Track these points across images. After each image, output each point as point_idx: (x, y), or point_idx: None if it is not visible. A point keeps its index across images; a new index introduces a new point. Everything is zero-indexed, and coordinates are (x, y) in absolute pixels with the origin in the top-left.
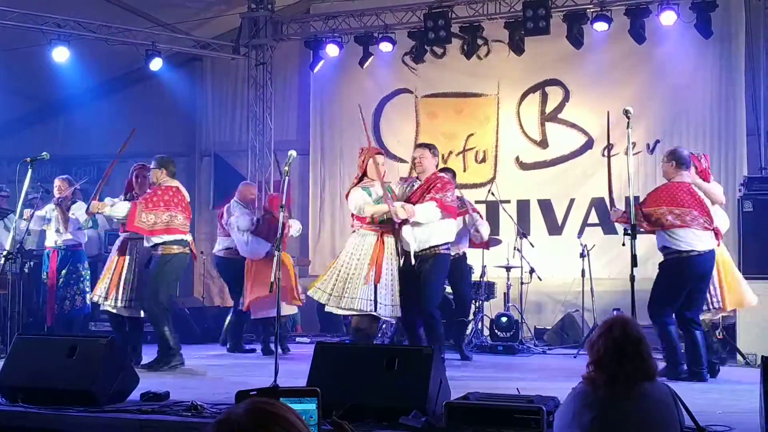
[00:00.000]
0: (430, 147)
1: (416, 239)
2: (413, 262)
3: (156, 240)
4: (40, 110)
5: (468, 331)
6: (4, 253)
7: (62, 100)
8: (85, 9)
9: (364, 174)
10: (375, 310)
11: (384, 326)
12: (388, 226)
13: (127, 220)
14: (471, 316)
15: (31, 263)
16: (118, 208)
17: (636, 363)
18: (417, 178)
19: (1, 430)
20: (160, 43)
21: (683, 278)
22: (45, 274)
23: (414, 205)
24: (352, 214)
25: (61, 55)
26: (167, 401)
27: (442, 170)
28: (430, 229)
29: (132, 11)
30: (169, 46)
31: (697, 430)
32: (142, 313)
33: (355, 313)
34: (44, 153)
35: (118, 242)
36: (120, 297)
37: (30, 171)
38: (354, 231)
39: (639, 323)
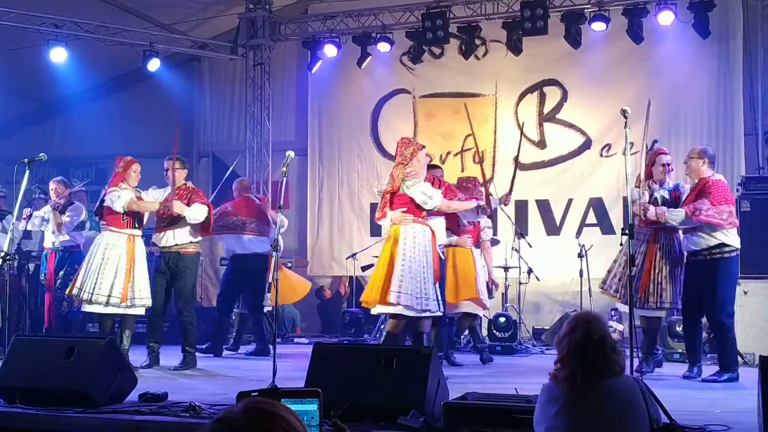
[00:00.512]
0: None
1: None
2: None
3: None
4: (37, 111)
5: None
6: (2, 254)
7: (59, 101)
8: (83, 9)
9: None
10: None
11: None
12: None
13: (206, 223)
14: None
15: (30, 265)
16: (197, 211)
17: (597, 362)
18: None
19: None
20: (158, 44)
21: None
22: (43, 275)
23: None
24: (390, 207)
25: (58, 55)
26: (165, 402)
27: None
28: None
29: (129, 12)
30: (167, 47)
31: (671, 423)
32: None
33: (427, 315)
34: (42, 154)
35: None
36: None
37: (27, 172)
38: (400, 224)
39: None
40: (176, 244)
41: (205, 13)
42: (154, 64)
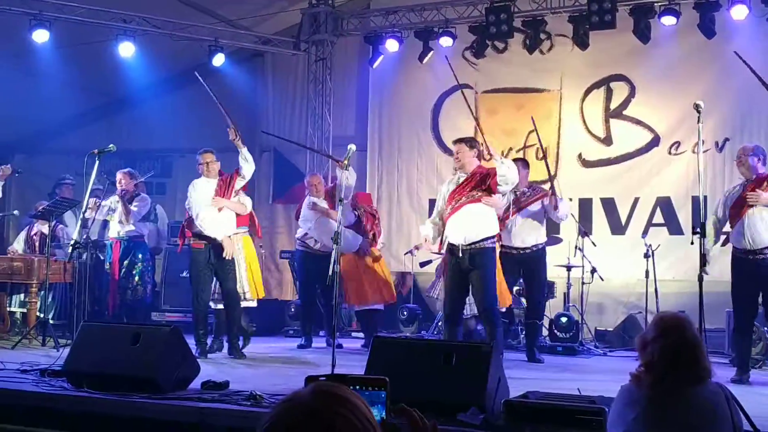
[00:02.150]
0: (466, 141)
1: (464, 233)
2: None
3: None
4: (105, 105)
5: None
6: (71, 242)
7: (127, 95)
8: (151, 5)
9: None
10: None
11: None
12: None
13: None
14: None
15: (96, 253)
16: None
17: (687, 368)
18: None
19: (66, 416)
20: (223, 39)
21: None
22: (108, 264)
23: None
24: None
25: (126, 50)
26: (227, 390)
27: (516, 160)
28: (478, 222)
29: (196, 7)
30: (232, 42)
31: None
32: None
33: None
34: (111, 145)
35: None
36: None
37: (97, 163)
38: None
39: (706, 326)
40: (216, 237)
41: (269, 9)
42: (219, 59)
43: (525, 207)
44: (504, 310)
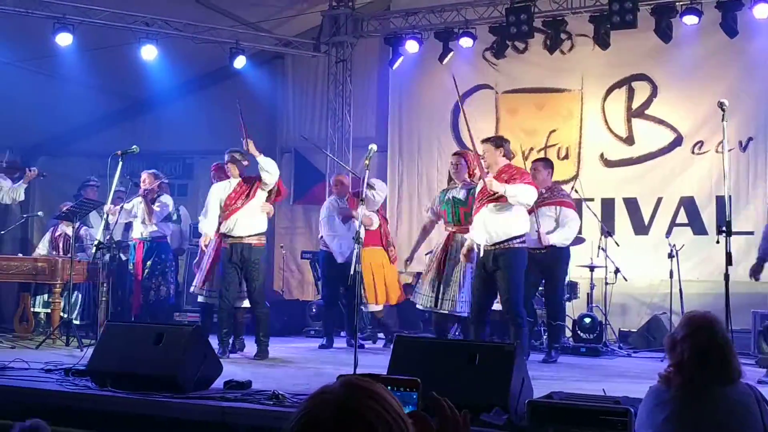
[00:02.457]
0: (492, 140)
1: (487, 233)
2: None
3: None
4: (128, 107)
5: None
6: (95, 242)
7: (149, 98)
8: (173, 8)
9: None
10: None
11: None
12: None
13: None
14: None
15: (119, 254)
16: (270, 162)
17: (717, 368)
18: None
19: (90, 415)
20: (244, 42)
21: None
22: (131, 264)
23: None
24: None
25: (149, 53)
26: (249, 390)
27: (538, 160)
28: (502, 222)
29: (217, 10)
30: (253, 45)
31: None
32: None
33: None
34: (134, 146)
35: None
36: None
37: (120, 164)
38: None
39: (732, 326)
40: (241, 236)
41: (289, 11)
42: (240, 62)
43: (540, 207)
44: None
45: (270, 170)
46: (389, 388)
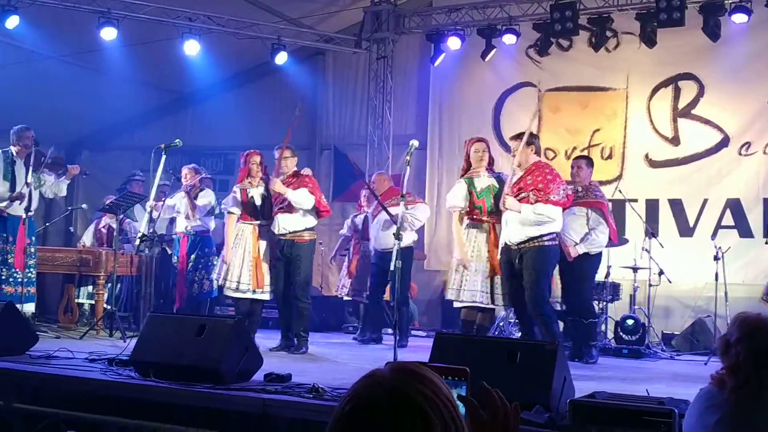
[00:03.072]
0: (522, 137)
1: (514, 232)
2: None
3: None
4: (170, 102)
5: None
6: (139, 235)
7: (192, 93)
8: (216, 3)
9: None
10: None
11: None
12: None
13: (314, 211)
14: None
15: (163, 247)
16: (300, 195)
17: None
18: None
19: (133, 404)
20: (286, 38)
21: None
22: (175, 258)
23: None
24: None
25: (192, 48)
26: (289, 383)
27: (581, 158)
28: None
29: (260, 6)
30: (294, 41)
31: None
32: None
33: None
34: (177, 140)
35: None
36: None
37: (164, 157)
38: None
39: None
40: (289, 232)
41: (331, 8)
42: (281, 58)
43: (572, 207)
44: None
45: (301, 202)
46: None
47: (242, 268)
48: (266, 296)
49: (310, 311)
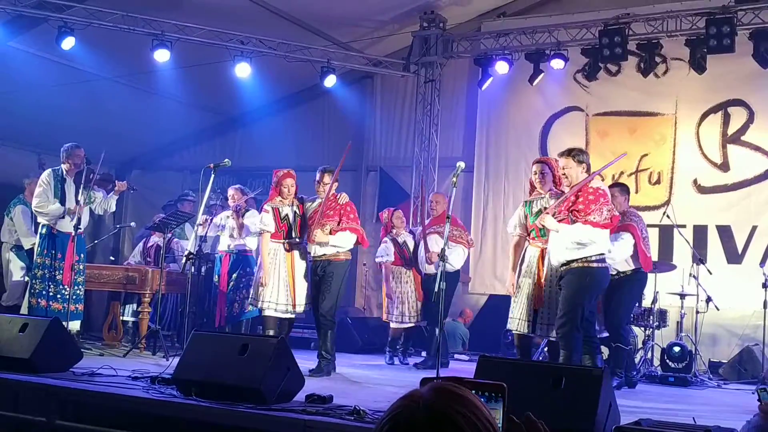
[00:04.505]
0: (572, 153)
1: (556, 253)
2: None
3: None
4: (220, 123)
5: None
6: (186, 253)
7: (241, 114)
8: (267, 27)
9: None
10: None
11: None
12: None
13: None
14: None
15: (207, 265)
16: (343, 240)
17: None
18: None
19: (174, 422)
20: (335, 61)
21: None
22: (216, 276)
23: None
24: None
25: (243, 71)
26: (330, 404)
27: (614, 186)
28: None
29: (310, 30)
30: (343, 64)
31: None
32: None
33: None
34: (226, 160)
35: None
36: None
37: (213, 177)
38: None
39: None
40: (324, 254)
41: (380, 32)
42: (330, 81)
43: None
44: None
45: (345, 246)
46: (474, 392)
47: (279, 288)
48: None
49: (335, 332)
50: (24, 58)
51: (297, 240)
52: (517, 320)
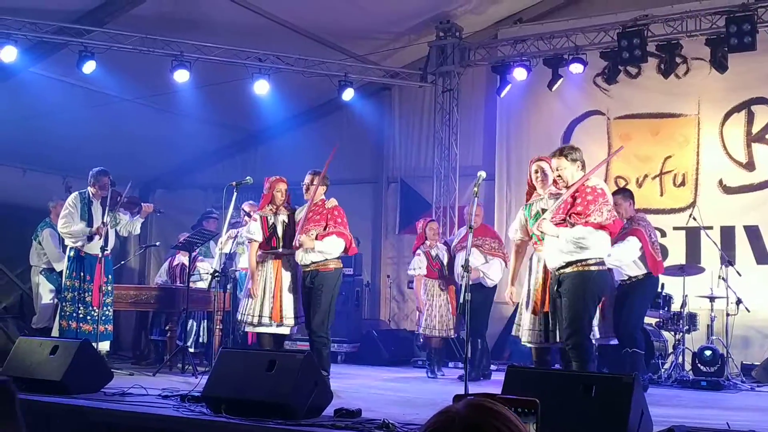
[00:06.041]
0: (564, 152)
1: (552, 256)
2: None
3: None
4: (240, 140)
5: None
6: (211, 271)
7: (261, 130)
8: (284, 43)
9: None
10: None
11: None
12: None
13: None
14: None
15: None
16: (330, 245)
17: None
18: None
19: None
20: (352, 74)
21: None
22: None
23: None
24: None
25: (261, 87)
26: (359, 418)
27: (616, 193)
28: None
29: (327, 44)
30: (361, 77)
31: None
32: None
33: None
34: (248, 177)
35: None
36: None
37: (235, 194)
38: None
39: None
40: (312, 262)
41: (396, 44)
42: (348, 94)
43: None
44: None
45: (331, 252)
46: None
47: (264, 301)
48: (286, 330)
49: (327, 348)
50: (46, 83)
51: (283, 251)
52: (528, 330)
